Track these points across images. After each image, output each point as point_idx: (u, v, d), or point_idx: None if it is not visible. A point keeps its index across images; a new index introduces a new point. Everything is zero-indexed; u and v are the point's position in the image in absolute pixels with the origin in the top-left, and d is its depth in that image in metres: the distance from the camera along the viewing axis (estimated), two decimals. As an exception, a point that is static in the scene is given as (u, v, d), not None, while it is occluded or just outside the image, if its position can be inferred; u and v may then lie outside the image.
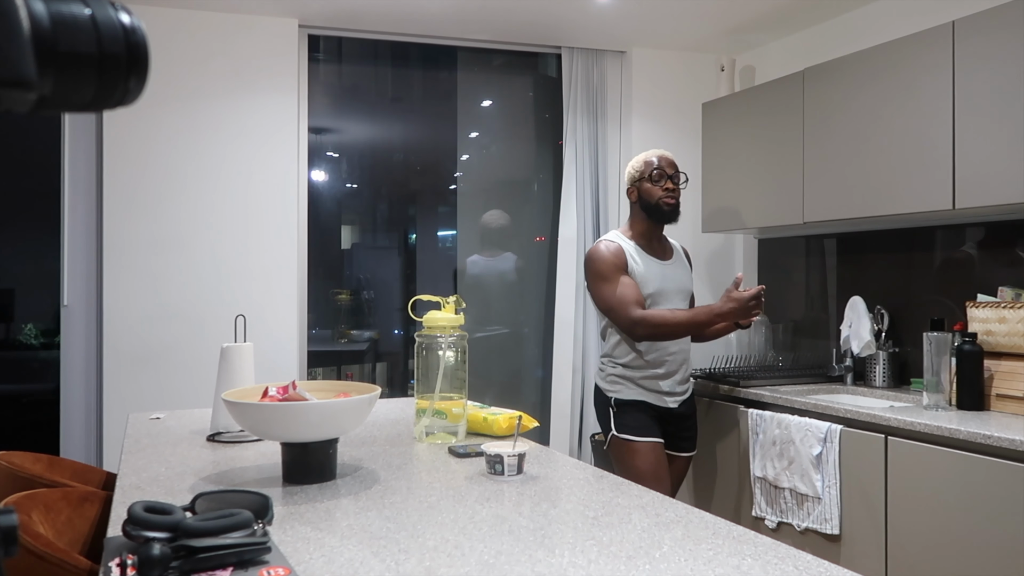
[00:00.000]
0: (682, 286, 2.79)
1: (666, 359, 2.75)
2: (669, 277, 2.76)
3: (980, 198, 2.59)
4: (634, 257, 2.72)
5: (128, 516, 1.13)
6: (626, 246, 2.74)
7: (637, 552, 1.21)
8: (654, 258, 2.76)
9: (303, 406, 1.56)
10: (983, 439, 2.25)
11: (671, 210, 2.75)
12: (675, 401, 2.77)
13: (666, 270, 2.77)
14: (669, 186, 2.74)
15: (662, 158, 2.78)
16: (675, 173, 2.77)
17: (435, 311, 2.07)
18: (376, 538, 1.27)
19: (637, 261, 2.71)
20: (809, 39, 3.78)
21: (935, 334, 2.67)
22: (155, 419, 2.40)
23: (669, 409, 2.75)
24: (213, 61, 3.55)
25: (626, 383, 2.75)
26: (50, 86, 0.51)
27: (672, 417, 2.77)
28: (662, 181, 2.74)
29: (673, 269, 2.79)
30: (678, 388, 2.78)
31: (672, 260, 2.81)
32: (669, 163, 2.78)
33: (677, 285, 2.77)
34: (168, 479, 1.66)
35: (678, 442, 2.82)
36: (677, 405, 2.77)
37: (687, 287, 2.83)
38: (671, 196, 2.74)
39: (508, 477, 1.65)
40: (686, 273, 2.85)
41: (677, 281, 2.78)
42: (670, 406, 2.75)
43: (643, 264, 2.72)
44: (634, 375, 2.74)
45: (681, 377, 2.78)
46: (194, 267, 3.52)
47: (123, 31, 0.53)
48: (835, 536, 2.70)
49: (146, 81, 0.55)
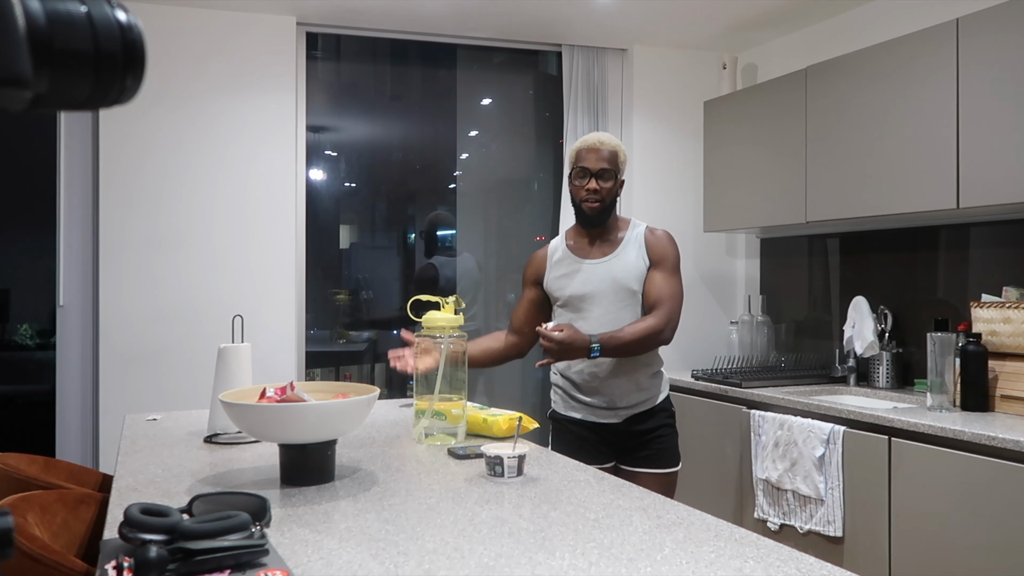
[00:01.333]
0: (612, 287, 2.35)
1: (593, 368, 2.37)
2: (595, 279, 2.37)
3: (985, 197, 2.59)
4: (555, 262, 2.44)
5: (124, 518, 1.13)
6: (555, 248, 2.47)
7: (638, 555, 1.21)
8: (581, 259, 2.40)
9: (301, 407, 1.56)
10: (987, 440, 2.25)
11: (592, 215, 2.36)
12: (618, 416, 2.39)
13: (595, 270, 2.38)
14: (591, 186, 2.32)
15: (589, 150, 2.35)
16: (605, 169, 2.33)
17: (434, 311, 2.08)
18: (375, 540, 1.27)
19: (556, 267, 2.43)
20: (812, 37, 3.78)
21: (939, 334, 2.67)
22: (152, 420, 2.40)
23: (613, 425, 2.39)
24: (210, 59, 3.55)
25: (560, 394, 2.47)
26: (46, 84, 0.51)
27: (622, 434, 2.40)
28: (584, 180, 2.34)
29: (606, 267, 2.38)
30: (620, 402, 2.38)
31: (610, 256, 2.39)
32: (596, 155, 2.34)
33: (605, 287, 2.35)
34: (165, 481, 1.66)
35: (637, 459, 2.40)
36: (621, 420, 2.39)
37: (622, 285, 2.35)
38: (593, 199, 2.33)
39: (508, 479, 1.65)
40: (633, 266, 2.37)
41: (606, 281, 2.36)
42: (612, 422, 2.39)
43: (561, 269, 2.42)
44: (565, 385, 2.45)
45: (622, 391, 2.38)
46: (191, 267, 3.52)
47: (119, 29, 0.53)
48: (838, 538, 2.70)
49: (143, 79, 0.55)
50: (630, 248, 2.40)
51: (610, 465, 2.40)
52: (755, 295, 3.99)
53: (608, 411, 2.39)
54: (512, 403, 4.24)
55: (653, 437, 2.41)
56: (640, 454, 2.40)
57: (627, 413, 2.39)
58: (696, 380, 3.44)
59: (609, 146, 2.35)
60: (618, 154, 2.37)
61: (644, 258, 2.38)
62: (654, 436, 2.41)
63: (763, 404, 3.07)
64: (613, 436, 2.40)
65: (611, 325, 2.31)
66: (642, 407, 2.40)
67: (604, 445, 2.41)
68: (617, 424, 2.39)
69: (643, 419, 2.40)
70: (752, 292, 4.06)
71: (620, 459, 2.43)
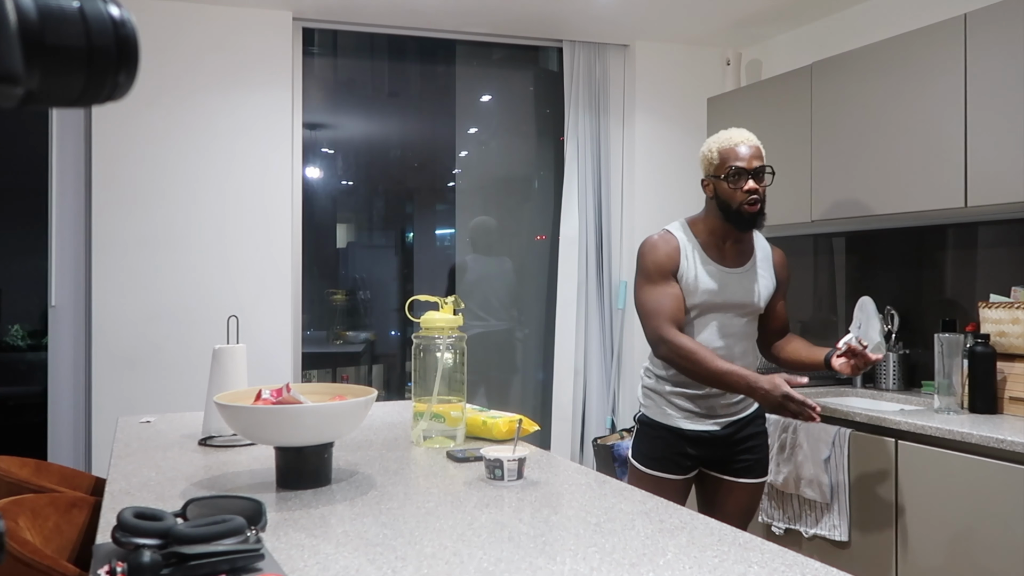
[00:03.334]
0: (745, 301, 2.33)
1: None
2: (729, 289, 2.31)
3: (993, 195, 2.59)
4: (690, 258, 2.32)
5: (118, 522, 1.13)
6: (686, 243, 2.34)
7: (640, 559, 1.21)
8: (716, 264, 2.32)
9: (297, 409, 1.56)
10: (996, 443, 2.25)
11: (752, 218, 2.27)
12: (718, 424, 2.34)
13: (729, 279, 2.32)
14: (751, 187, 2.24)
15: (745, 146, 2.28)
16: (760, 168, 2.27)
17: (433, 312, 2.08)
18: (372, 545, 1.27)
19: (693, 264, 2.31)
20: (817, 32, 3.78)
21: (947, 335, 2.67)
22: (145, 423, 2.40)
23: (710, 433, 2.33)
24: (205, 55, 3.55)
25: (656, 398, 2.38)
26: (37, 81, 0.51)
27: (718, 442, 2.34)
28: (742, 181, 2.25)
29: (740, 279, 2.33)
30: (723, 410, 2.34)
31: (744, 268, 2.35)
32: (754, 154, 2.27)
33: (738, 299, 2.32)
34: (159, 484, 1.66)
35: (732, 468, 2.36)
36: (721, 428, 2.34)
37: (752, 303, 2.34)
38: (754, 202, 2.25)
39: (508, 482, 1.65)
40: (761, 285, 2.36)
41: (739, 294, 2.32)
42: (710, 429, 2.33)
43: (699, 269, 2.31)
44: (665, 390, 2.36)
45: (730, 398, 2.34)
46: (185, 267, 3.52)
47: (112, 24, 0.53)
48: (844, 543, 2.70)
49: (136, 75, 0.55)
50: (763, 262, 2.40)
51: (694, 474, 2.37)
52: (759, 295, 3.99)
53: (707, 418, 2.34)
54: (511, 406, 4.24)
55: (750, 446, 2.37)
56: (735, 462, 2.35)
57: (726, 420, 2.35)
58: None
59: (758, 143, 2.32)
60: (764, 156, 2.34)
61: (772, 276, 2.40)
62: (751, 445, 2.38)
63: (767, 406, 3.07)
64: (709, 444, 2.33)
65: (733, 340, 2.31)
66: (741, 413, 2.37)
67: (696, 453, 2.34)
68: (716, 431, 2.33)
69: (741, 426, 2.36)
70: (756, 292, 4.05)
71: (711, 467, 2.37)
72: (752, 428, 2.39)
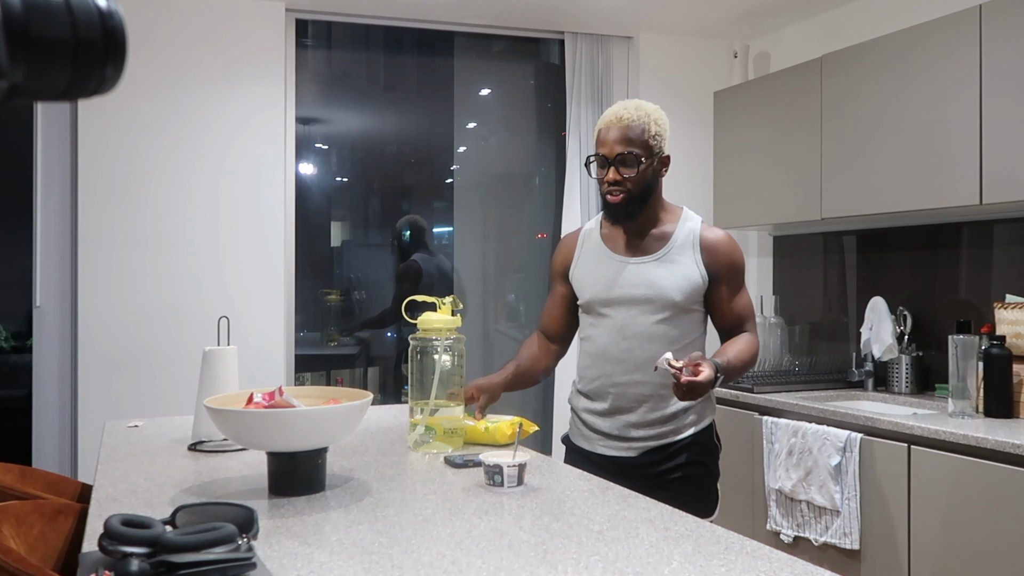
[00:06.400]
0: (649, 294, 2.04)
1: (609, 391, 2.07)
2: (627, 280, 2.06)
3: (1009, 192, 2.59)
4: (586, 253, 2.16)
5: (105, 530, 1.13)
6: (587, 237, 2.18)
7: (645, 568, 1.21)
8: (616, 255, 2.10)
9: (290, 413, 1.56)
10: (1012, 448, 2.25)
11: (617, 209, 2.05)
12: (633, 449, 2.06)
13: (627, 270, 2.07)
14: (611, 177, 2.01)
15: (606, 129, 2.05)
16: (626, 154, 2.00)
17: (430, 312, 2.07)
18: (368, 553, 1.27)
19: (587, 259, 2.15)
20: (827, 24, 3.78)
21: (961, 337, 2.67)
22: (133, 427, 2.40)
23: (624, 460, 2.06)
24: (195, 47, 3.55)
25: (573, 416, 2.20)
26: (22, 74, 0.51)
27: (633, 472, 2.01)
28: (601, 171, 2.05)
29: (642, 270, 2.06)
30: (635, 432, 2.05)
31: (649, 257, 2.07)
32: (619, 137, 2.02)
33: (639, 292, 2.04)
34: (147, 491, 1.66)
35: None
36: (637, 454, 2.05)
37: (659, 297, 2.03)
38: (613, 190, 2.02)
39: (508, 489, 1.65)
40: (675, 275, 2.05)
41: (640, 288, 2.04)
42: (624, 456, 2.06)
43: (591, 263, 2.13)
44: (579, 405, 2.18)
45: (640, 419, 2.05)
46: (175, 266, 3.52)
47: (99, 15, 0.53)
48: (855, 551, 2.70)
49: (124, 68, 0.55)
50: (682, 250, 2.07)
51: None
52: (768, 295, 3.99)
53: (620, 441, 2.08)
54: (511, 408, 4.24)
55: (673, 478, 2.04)
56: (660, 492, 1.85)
57: (643, 445, 2.06)
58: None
59: (631, 121, 2.02)
60: (646, 129, 2.02)
61: (700, 265, 2.06)
62: (674, 478, 2.04)
63: (776, 410, 3.07)
64: (623, 474, 1.98)
65: (639, 342, 2.04)
66: (664, 439, 2.06)
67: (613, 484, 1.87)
68: (630, 458, 2.06)
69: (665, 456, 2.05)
70: (765, 292, 4.06)
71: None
72: (679, 459, 2.05)
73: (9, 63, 0.49)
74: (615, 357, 2.07)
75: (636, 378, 2.05)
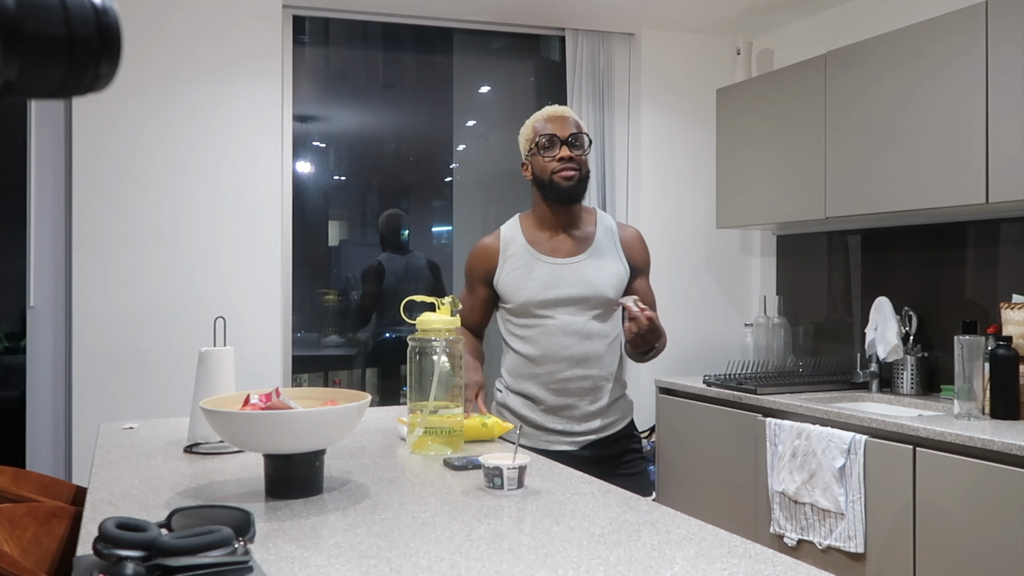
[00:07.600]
0: (585, 294, 2.20)
1: (552, 387, 2.22)
2: (563, 282, 2.20)
3: (1016, 191, 2.59)
4: (511, 258, 2.26)
5: (99, 533, 1.13)
6: (510, 242, 2.28)
7: (647, 572, 1.21)
8: (545, 256, 2.23)
9: (287, 415, 1.56)
10: (1019, 451, 2.25)
11: (571, 186, 2.20)
12: (575, 443, 2.23)
13: (561, 272, 2.21)
14: (564, 154, 2.18)
15: (552, 118, 2.24)
16: (574, 135, 2.21)
17: (429, 313, 2.07)
18: (366, 557, 1.27)
19: (514, 264, 2.25)
20: (832, 20, 3.78)
21: (967, 337, 2.67)
22: (128, 429, 2.40)
23: (567, 454, 2.18)
24: (191, 44, 3.55)
25: (508, 416, 2.29)
26: (15, 71, 0.51)
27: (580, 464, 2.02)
28: (554, 149, 2.20)
29: (576, 270, 2.21)
30: (578, 426, 2.22)
31: (580, 257, 2.23)
32: (562, 122, 2.23)
33: (575, 292, 2.20)
34: (142, 493, 1.66)
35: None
36: (578, 448, 2.22)
37: (595, 295, 2.21)
38: (568, 167, 2.19)
39: (508, 491, 1.65)
40: (606, 272, 2.23)
41: (576, 288, 2.20)
42: (566, 449, 2.21)
43: (520, 268, 2.24)
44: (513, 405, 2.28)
45: (583, 412, 2.22)
46: (170, 266, 3.52)
47: (94, 12, 0.53)
48: (859, 555, 2.70)
49: (119, 65, 0.55)
50: (605, 247, 2.26)
51: None
52: (771, 296, 3.99)
53: (562, 436, 2.23)
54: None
55: (622, 461, 2.26)
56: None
57: (584, 439, 2.24)
58: (708, 386, 3.45)
59: (576, 116, 2.28)
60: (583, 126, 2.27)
61: (623, 260, 2.27)
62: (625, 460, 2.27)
63: (779, 412, 3.07)
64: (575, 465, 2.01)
65: (581, 340, 2.19)
66: (603, 432, 2.26)
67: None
68: (573, 452, 2.21)
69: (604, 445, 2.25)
70: (768, 292, 4.06)
71: None
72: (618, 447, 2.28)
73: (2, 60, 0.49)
74: (557, 355, 2.21)
75: (577, 373, 2.21)
